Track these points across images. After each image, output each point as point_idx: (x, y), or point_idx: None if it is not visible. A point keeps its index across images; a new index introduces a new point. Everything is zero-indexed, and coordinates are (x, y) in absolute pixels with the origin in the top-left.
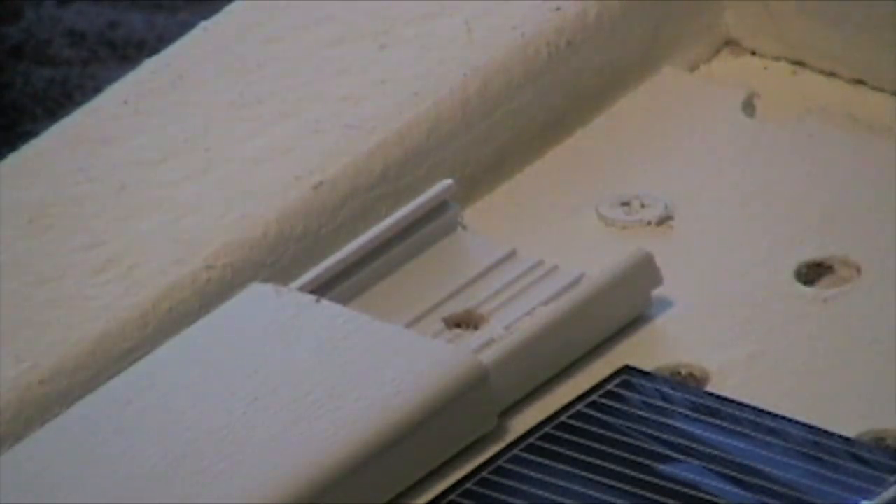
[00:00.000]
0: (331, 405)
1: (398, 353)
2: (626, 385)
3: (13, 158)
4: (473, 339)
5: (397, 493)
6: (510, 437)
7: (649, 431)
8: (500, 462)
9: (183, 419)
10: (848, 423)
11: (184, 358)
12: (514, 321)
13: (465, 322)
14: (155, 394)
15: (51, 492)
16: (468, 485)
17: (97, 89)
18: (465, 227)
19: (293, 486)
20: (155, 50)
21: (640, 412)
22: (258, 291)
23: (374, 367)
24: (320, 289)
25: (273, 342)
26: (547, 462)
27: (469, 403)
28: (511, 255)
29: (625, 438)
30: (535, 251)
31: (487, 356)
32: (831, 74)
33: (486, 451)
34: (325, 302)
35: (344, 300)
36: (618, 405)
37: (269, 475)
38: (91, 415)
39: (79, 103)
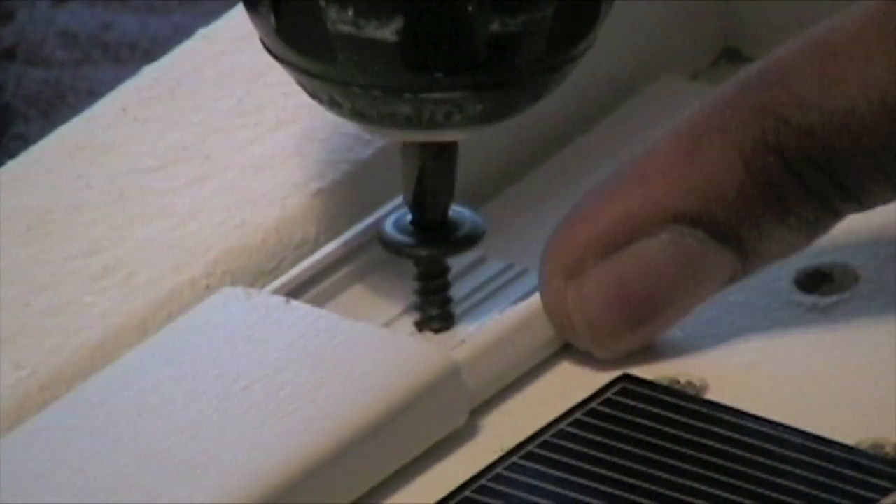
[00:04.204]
0: (302, 400)
1: (368, 349)
2: (625, 393)
3: (12, 165)
4: (445, 339)
5: (370, 487)
6: (508, 442)
7: (648, 440)
8: (498, 469)
9: (154, 418)
10: (847, 430)
11: (153, 360)
12: (484, 322)
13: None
14: (125, 395)
15: (24, 492)
16: (467, 492)
17: (90, 91)
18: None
19: (266, 481)
20: (148, 52)
21: (638, 420)
22: (228, 294)
23: (344, 363)
24: (292, 293)
25: (243, 342)
26: (546, 470)
27: (441, 399)
28: (481, 259)
29: (624, 446)
30: (534, 258)
31: (458, 353)
32: None
33: (486, 459)
34: (294, 302)
35: (316, 304)
36: (616, 413)
37: (241, 471)
38: (63, 417)
39: (71, 105)
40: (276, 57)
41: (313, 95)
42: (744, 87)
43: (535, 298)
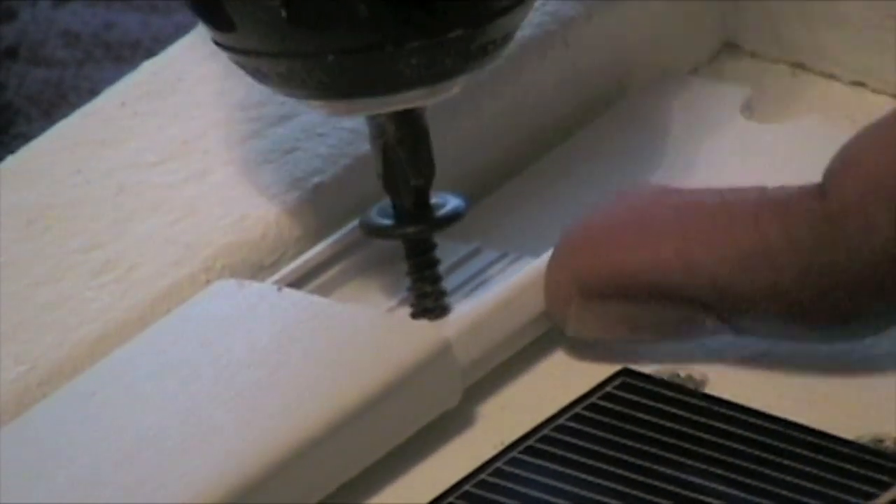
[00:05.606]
0: (293, 382)
1: (358, 329)
2: (625, 387)
3: (11, 161)
4: (439, 324)
5: (364, 467)
6: (507, 436)
7: (648, 434)
8: (498, 464)
9: (148, 405)
10: (847, 425)
11: (146, 351)
12: (476, 301)
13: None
14: (120, 384)
15: (19, 481)
16: (467, 487)
17: (92, 90)
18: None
19: (257, 463)
20: (150, 51)
21: (638, 414)
22: (221, 286)
23: (335, 344)
24: (291, 286)
25: (234, 329)
26: (546, 464)
27: (433, 377)
28: (476, 251)
29: (624, 441)
30: (533, 252)
31: (449, 329)
32: (831, 76)
33: (486, 454)
34: (286, 290)
35: None
36: (616, 407)
37: (231, 453)
38: (59, 407)
39: (74, 104)
40: (217, 45)
41: (250, 74)
42: (811, 195)
43: (525, 274)
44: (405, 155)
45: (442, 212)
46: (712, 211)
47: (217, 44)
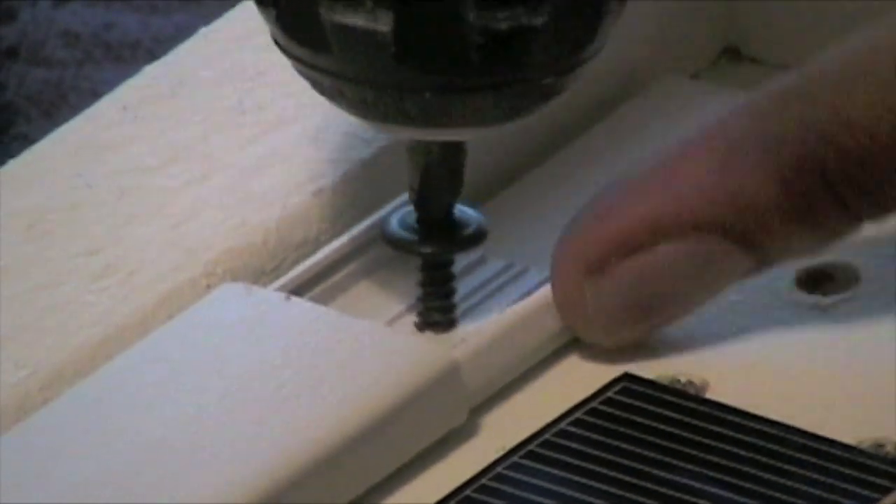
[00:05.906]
0: (301, 397)
1: (368, 346)
2: (626, 392)
3: (12, 164)
4: (446, 339)
5: (370, 485)
6: (509, 441)
7: (649, 439)
8: (499, 469)
9: (153, 414)
10: (847, 430)
11: (152, 356)
12: (485, 322)
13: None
14: (125, 391)
15: (21, 488)
16: (467, 491)
17: (92, 90)
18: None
19: (264, 479)
20: (150, 51)
21: (639, 419)
22: (229, 291)
23: (343, 361)
24: (294, 292)
25: (243, 338)
26: (547, 469)
27: (440, 397)
28: (481, 259)
29: (625, 445)
30: (534, 258)
31: (458, 351)
32: None
33: (487, 458)
34: (294, 299)
35: (318, 303)
36: (617, 412)
37: (239, 468)
38: (63, 413)
39: (73, 105)
40: (283, 50)
41: (321, 91)
42: (785, 99)
43: (535, 297)
44: (446, 175)
45: (467, 232)
46: (698, 151)
47: (286, 52)
